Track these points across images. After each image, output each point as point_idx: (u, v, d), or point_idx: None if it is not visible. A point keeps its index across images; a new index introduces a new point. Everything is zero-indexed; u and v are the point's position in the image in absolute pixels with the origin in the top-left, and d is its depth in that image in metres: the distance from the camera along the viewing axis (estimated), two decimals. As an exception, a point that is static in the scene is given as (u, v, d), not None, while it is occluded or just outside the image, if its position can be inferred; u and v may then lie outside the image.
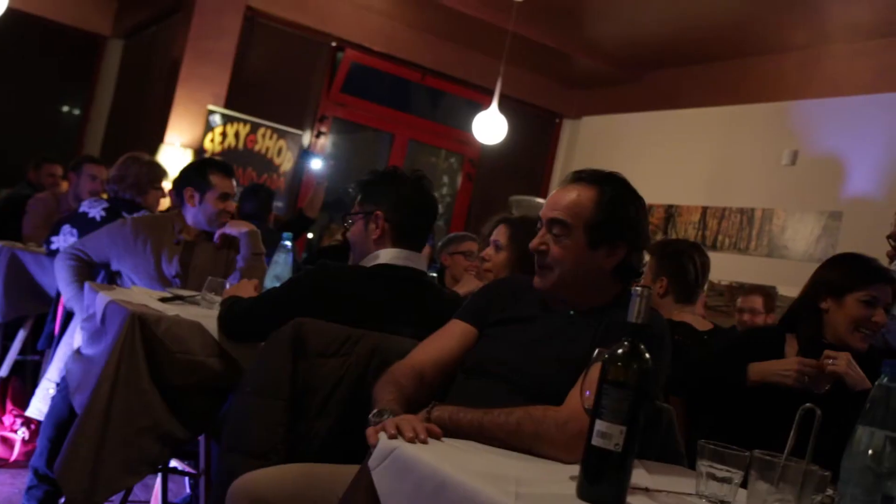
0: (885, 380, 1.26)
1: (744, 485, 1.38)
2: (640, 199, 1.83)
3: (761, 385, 2.23)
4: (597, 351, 1.39)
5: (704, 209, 6.75)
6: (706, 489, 1.43)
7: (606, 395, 1.27)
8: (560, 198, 1.79)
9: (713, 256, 6.68)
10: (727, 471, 1.42)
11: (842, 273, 2.26)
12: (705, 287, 2.99)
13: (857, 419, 1.24)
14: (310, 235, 6.77)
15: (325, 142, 7.31)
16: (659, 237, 6.97)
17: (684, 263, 2.80)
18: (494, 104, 6.11)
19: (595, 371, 1.33)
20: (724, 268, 6.06)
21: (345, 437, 1.88)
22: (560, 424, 1.51)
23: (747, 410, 2.25)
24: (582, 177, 1.81)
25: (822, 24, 5.94)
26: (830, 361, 2.12)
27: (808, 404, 1.29)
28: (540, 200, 6.54)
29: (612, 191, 1.78)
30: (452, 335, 1.86)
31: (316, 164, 6.17)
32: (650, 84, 7.59)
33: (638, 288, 1.31)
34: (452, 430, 1.52)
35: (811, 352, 2.24)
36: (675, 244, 2.99)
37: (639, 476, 1.53)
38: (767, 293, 4.43)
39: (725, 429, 2.12)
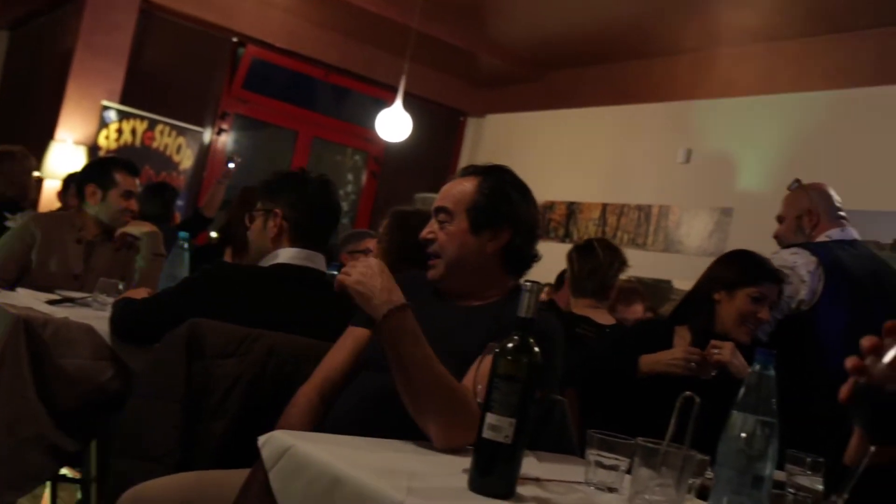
0: (758, 368, 1.33)
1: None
2: (523, 186, 1.92)
3: (652, 375, 2.31)
4: (488, 345, 1.43)
5: (604, 206, 6.92)
6: (594, 477, 1.48)
7: (497, 389, 1.30)
8: (447, 190, 1.88)
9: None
10: (615, 459, 1.47)
11: (737, 269, 2.38)
12: (614, 283, 3.07)
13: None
14: (213, 234, 6.64)
15: (227, 139, 7.18)
16: (560, 233, 7.12)
17: (570, 257, 2.89)
18: (398, 102, 6.12)
19: (486, 365, 1.36)
20: (622, 263, 6.22)
21: (242, 438, 1.86)
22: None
23: (639, 400, 2.33)
24: (469, 171, 1.90)
25: (713, 28, 6.17)
26: (716, 351, 2.22)
27: (687, 392, 1.35)
28: (445, 198, 6.58)
29: (494, 178, 1.87)
30: (345, 347, 1.89)
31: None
32: (552, 83, 7.73)
33: (528, 283, 1.35)
34: (404, 340, 1.54)
35: (702, 342, 2.33)
36: (589, 240, 3.07)
37: (531, 466, 1.57)
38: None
39: (619, 419, 2.19)
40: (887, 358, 0.94)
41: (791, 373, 2.22)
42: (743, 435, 1.27)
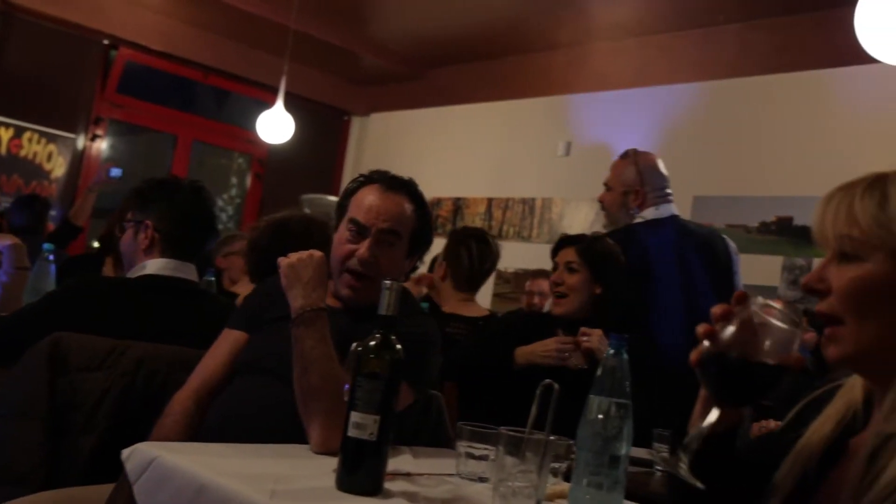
0: (612, 352, 1.38)
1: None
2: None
3: (528, 366, 2.36)
4: (353, 345, 1.43)
5: (490, 200, 7.02)
6: (465, 468, 1.51)
7: (360, 387, 1.31)
8: (388, 209, 1.83)
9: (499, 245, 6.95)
10: (485, 449, 1.51)
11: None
12: (491, 274, 3.10)
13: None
14: (95, 244, 6.40)
15: (102, 145, 6.94)
16: (448, 229, 7.18)
17: (459, 250, 2.91)
18: (280, 103, 6.05)
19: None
20: (509, 256, 6.30)
21: (113, 453, 1.81)
22: None
23: (517, 391, 2.37)
24: (395, 186, 1.88)
25: (587, 24, 6.33)
26: (585, 339, 2.29)
27: (546, 380, 1.39)
28: (332, 199, 6.54)
29: (423, 203, 1.92)
30: (222, 351, 1.87)
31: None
32: (434, 81, 7.78)
33: (387, 281, 1.36)
34: (310, 337, 1.56)
35: (572, 331, 2.40)
36: (459, 231, 3.10)
37: (404, 462, 1.59)
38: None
39: (498, 410, 2.23)
40: (730, 328, 1.00)
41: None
42: (600, 417, 1.33)
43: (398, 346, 1.33)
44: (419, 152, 7.52)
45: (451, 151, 7.37)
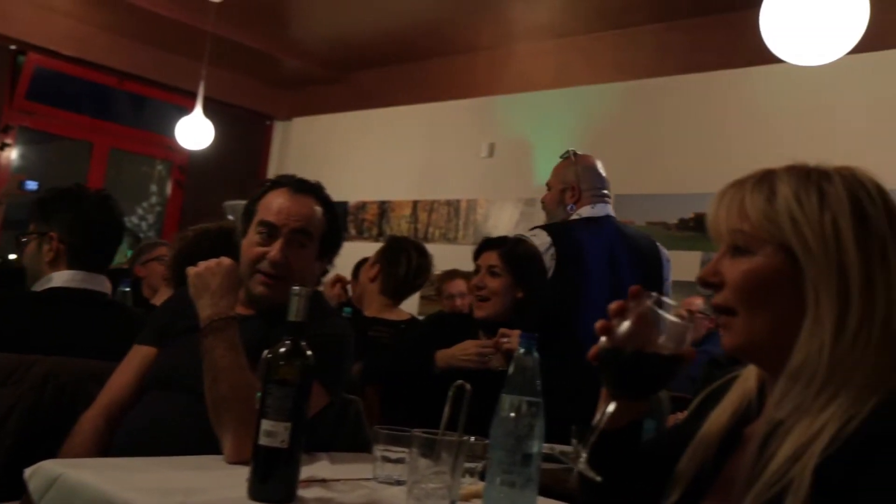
0: (522, 351, 1.39)
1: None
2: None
3: (449, 369, 2.36)
4: (264, 353, 1.42)
5: (415, 203, 7.02)
6: (382, 472, 1.51)
7: (270, 394, 1.29)
8: (298, 210, 1.82)
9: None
10: (401, 452, 1.50)
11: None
12: (418, 290, 3.11)
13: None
14: (11, 257, 6.18)
15: (12, 154, 6.71)
16: (374, 232, 7.16)
17: (399, 257, 2.91)
18: (198, 108, 5.95)
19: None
20: (436, 258, 6.32)
21: (21, 471, 1.75)
22: None
23: (439, 394, 2.37)
24: (303, 188, 1.87)
25: (508, 26, 6.39)
26: (505, 340, 2.30)
27: (458, 381, 1.39)
28: (255, 204, 6.44)
29: (331, 206, 1.90)
30: (131, 367, 1.83)
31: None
32: (357, 84, 7.75)
33: (296, 287, 1.35)
34: (220, 345, 1.55)
35: (493, 333, 2.41)
36: (402, 239, 3.10)
37: (321, 468, 1.58)
38: (465, 275, 4.68)
39: (420, 413, 2.23)
40: (626, 323, 1.02)
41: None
42: (511, 415, 1.34)
43: (308, 353, 1.32)
44: (343, 156, 7.48)
45: (376, 154, 7.35)
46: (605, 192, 2.89)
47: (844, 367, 0.91)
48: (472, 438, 1.52)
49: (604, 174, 2.93)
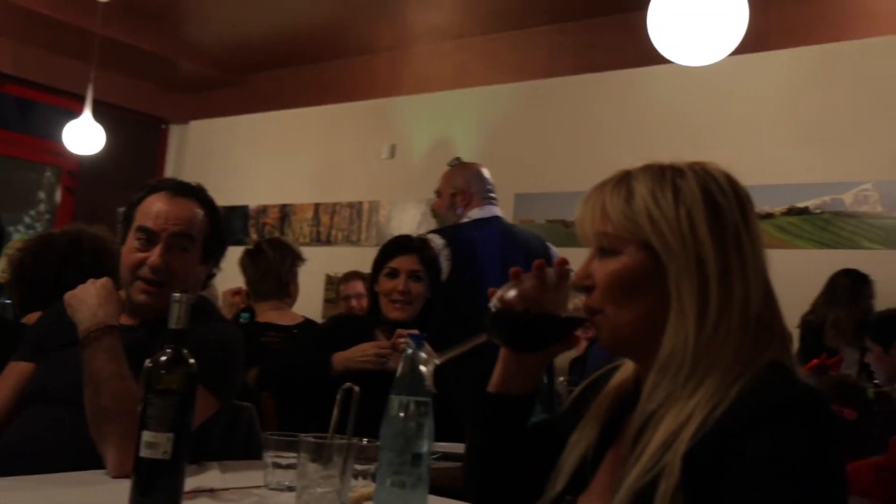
0: (410, 351, 1.39)
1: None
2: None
3: (347, 372, 2.33)
4: (146, 362, 1.37)
5: (317, 206, 6.96)
6: (273, 478, 1.49)
7: (151, 405, 1.25)
8: (178, 213, 1.77)
9: (327, 251, 6.92)
10: (292, 458, 1.48)
11: (377, 257, 2.48)
12: (291, 279, 3.07)
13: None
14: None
15: None
16: (276, 236, 7.07)
17: (244, 262, 2.89)
18: (87, 111, 5.75)
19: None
20: (339, 260, 6.31)
21: None
22: None
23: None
24: (183, 191, 1.82)
25: (406, 28, 6.40)
26: (402, 340, 2.29)
27: (346, 384, 1.38)
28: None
29: (214, 207, 1.86)
30: (7, 383, 1.75)
31: None
32: (254, 86, 7.63)
33: (176, 294, 1.31)
34: (100, 357, 1.50)
35: (390, 333, 2.40)
36: (258, 242, 3.06)
37: (210, 478, 1.54)
38: (364, 276, 4.65)
39: (318, 418, 2.20)
40: (514, 289, 1.09)
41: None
42: (400, 416, 1.34)
43: (191, 360, 1.29)
44: (243, 159, 7.35)
45: (276, 157, 7.25)
46: (493, 195, 2.97)
47: (709, 355, 0.94)
48: (365, 440, 1.51)
49: (490, 178, 3.02)
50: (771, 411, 0.89)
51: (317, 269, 6.57)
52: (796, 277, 4.85)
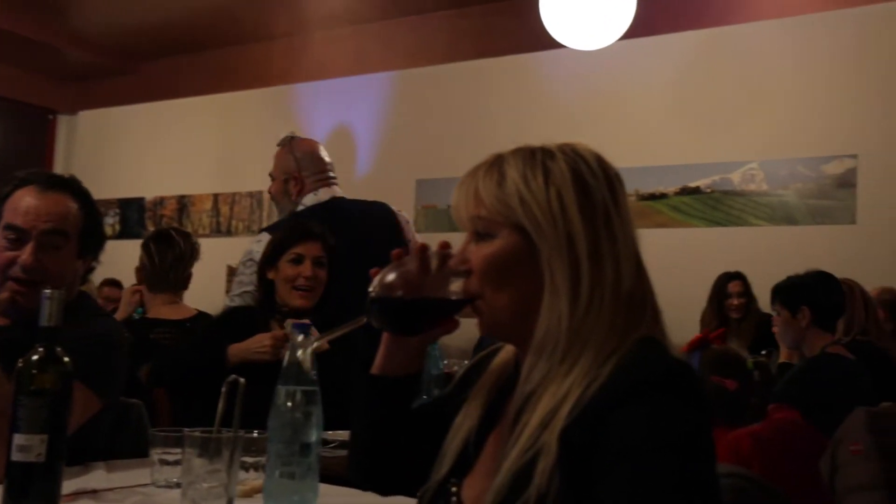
0: (298, 339, 1.38)
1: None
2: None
3: (243, 364, 2.28)
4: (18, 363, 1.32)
5: (216, 196, 6.82)
6: (160, 475, 1.45)
7: (22, 406, 1.20)
8: (49, 208, 1.69)
9: (228, 242, 6.79)
10: (179, 454, 1.45)
11: (272, 242, 2.43)
12: (184, 270, 2.99)
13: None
14: None
15: None
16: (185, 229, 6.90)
17: (142, 254, 2.80)
18: (-34, 103, 5.48)
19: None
20: (240, 252, 6.17)
21: None
22: None
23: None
24: (54, 184, 1.74)
25: (303, 13, 6.31)
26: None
27: (232, 376, 1.36)
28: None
29: (89, 199, 1.79)
30: None
31: None
32: (148, 75, 7.40)
33: (47, 290, 1.26)
34: None
35: (279, 322, 2.37)
36: (154, 232, 2.96)
37: (95, 479, 1.50)
38: None
39: (215, 413, 2.16)
40: (393, 272, 1.07)
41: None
42: (288, 406, 1.32)
43: (66, 359, 1.24)
44: (137, 150, 7.14)
45: (172, 147, 7.06)
46: (331, 174, 2.85)
47: (583, 334, 0.95)
48: (256, 433, 1.50)
49: (326, 157, 2.89)
50: (641, 386, 0.90)
51: (218, 260, 6.44)
52: (690, 255, 5.02)
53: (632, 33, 4.07)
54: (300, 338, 1.38)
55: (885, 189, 4.58)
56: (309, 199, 2.74)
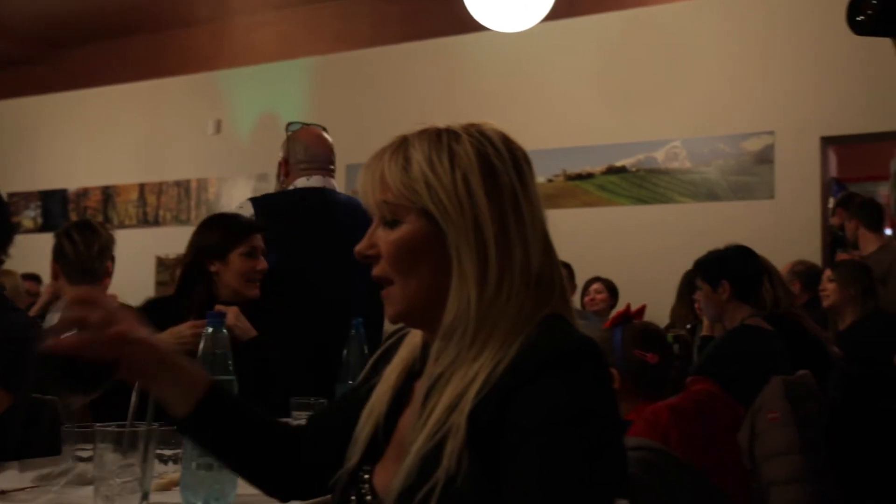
0: (210, 330, 1.36)
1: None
2: None
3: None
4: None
5: (142, 186, 6.68)
6: (73, 472, 1.42)
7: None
8: None
9: (156, 232, 6.67)
10: (93, 449, 1.42)
11: (220, 235, 2.38)
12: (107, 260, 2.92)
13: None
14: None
15: None
16: (100, 220, 6.73)
17: (63, 244, 2.72)
18: None
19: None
20: (169, 241, 6.11)
21: None
22: None
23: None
24: None
25: (225, -2, 6.21)
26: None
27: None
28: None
29: None
30: None
31: None
32: (69, 62, 7.20)
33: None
34: None
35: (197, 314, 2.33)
36: (61, 228, 2.88)
37: (6, 479, 1.46)
38: None
39: (139, 407, 2.12)
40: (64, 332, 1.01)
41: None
42: (203, 398, 1.30)
43: None
44: (56, 141, 6.94)
45: (95, 137, 6.89)
46: (320, 165, 2.84)
47: (491, 316, 0.95)
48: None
49: (321, 148, 2.86)
50: (547, 363, 0.91)
51: (146, 251, 6.33)
52: (617, 233, 5.11)
53: (554, 15, 4.10)
54: (210, 330, 1.37)
55: (800, 164, 4.72)
56: (300, 183, 2.73)
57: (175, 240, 6.16)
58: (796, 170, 4.72)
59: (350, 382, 1.79)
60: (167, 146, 6.60)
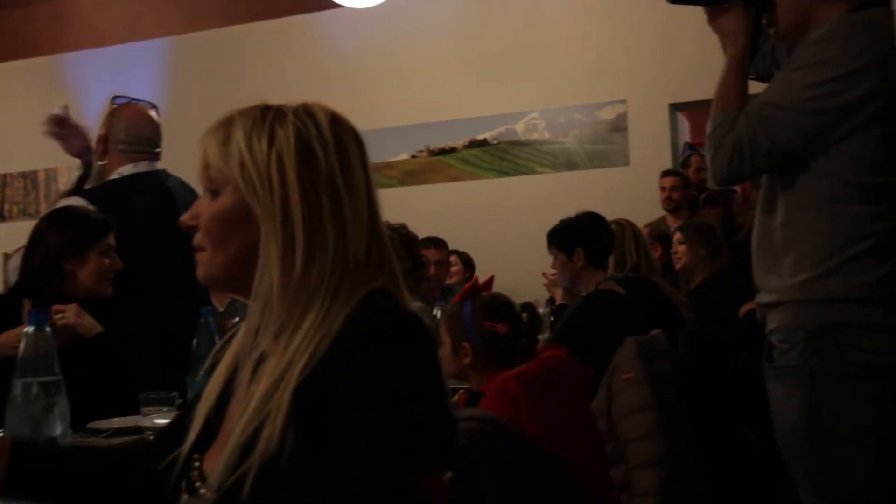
0: (32, 329, 1.30)
1: None
2: None
3: (5, 359, 2.12)
4: None
5: (-19, 179, 6.31)
6: None
7: None
8: None
9: (2, 227, 6.30)
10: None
11: (76, 232, 2.28)
12: None
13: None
14: None
15: None
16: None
17: None
18: None
19: None
20: (16, 238, 5.76)
21: None
22: None
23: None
24: None
25: (64, -25, 5.90)
26: (59, 316, 2.13)
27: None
28: None
29: None
30: None
31: None
32: None
33: None
34: None
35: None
36: None
37: None
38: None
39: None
40: None
41: None
42: (25, 399, 1.24)
43: None
44: None
45: (-70, 128, 6.44)
46: (146, 149, 2.70)
47: (301, 299, 0.96)
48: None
49: (145, 130, 2.71)
50: (370, 336, 0.92)
51: (-8, 248, 5.98)
52: (482, 206, 5.17)
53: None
54: (31, 329, 1.30)
55: (651, 130, 4.90)
56: (127, 170, 2.58)
57: (22, 234, 5.79)
58: (648, 136, 4.90)
59: (201, 373, 1.75)
60: (11, 135, 6.23)
